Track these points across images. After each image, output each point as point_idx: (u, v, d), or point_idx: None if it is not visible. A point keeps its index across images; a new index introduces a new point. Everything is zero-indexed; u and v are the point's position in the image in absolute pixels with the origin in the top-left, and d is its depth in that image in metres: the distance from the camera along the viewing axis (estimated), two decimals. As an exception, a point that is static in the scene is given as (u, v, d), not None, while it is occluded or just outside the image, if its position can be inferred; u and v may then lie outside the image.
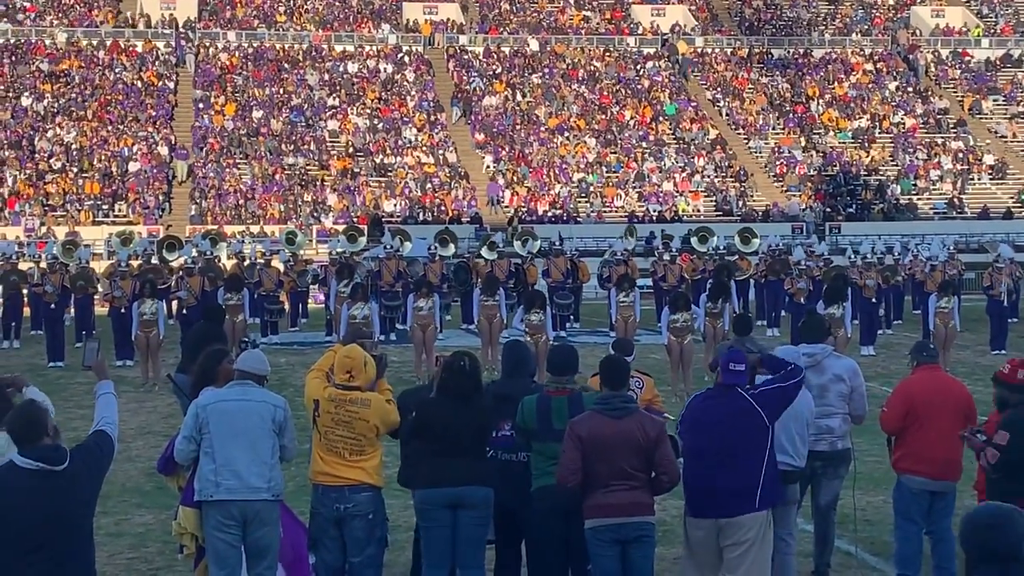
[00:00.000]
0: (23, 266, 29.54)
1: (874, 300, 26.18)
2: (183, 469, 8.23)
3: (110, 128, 49.99)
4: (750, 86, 57.67)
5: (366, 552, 8.06)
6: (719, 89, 57.23)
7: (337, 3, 60.56)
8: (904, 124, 55.65)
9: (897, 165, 52.99)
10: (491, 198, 48.24)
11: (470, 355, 8.38)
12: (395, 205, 47.45)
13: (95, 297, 27.05)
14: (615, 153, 52.05)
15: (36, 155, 47.92)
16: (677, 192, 49.91)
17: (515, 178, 49.65)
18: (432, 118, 53.12)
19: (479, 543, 8.16)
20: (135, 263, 28.77)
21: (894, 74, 59.30)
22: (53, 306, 25.31)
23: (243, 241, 38.33)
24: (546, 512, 7.87)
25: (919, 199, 50.96)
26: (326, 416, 8.05)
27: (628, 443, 7.44)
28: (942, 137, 54.83)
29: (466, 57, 57.68)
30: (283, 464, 8.12)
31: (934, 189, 51.76)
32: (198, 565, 8.18)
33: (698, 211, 48.68)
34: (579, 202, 48.98)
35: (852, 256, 30.88)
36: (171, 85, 53.81)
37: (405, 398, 8.61)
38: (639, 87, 56.53)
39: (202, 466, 7.88)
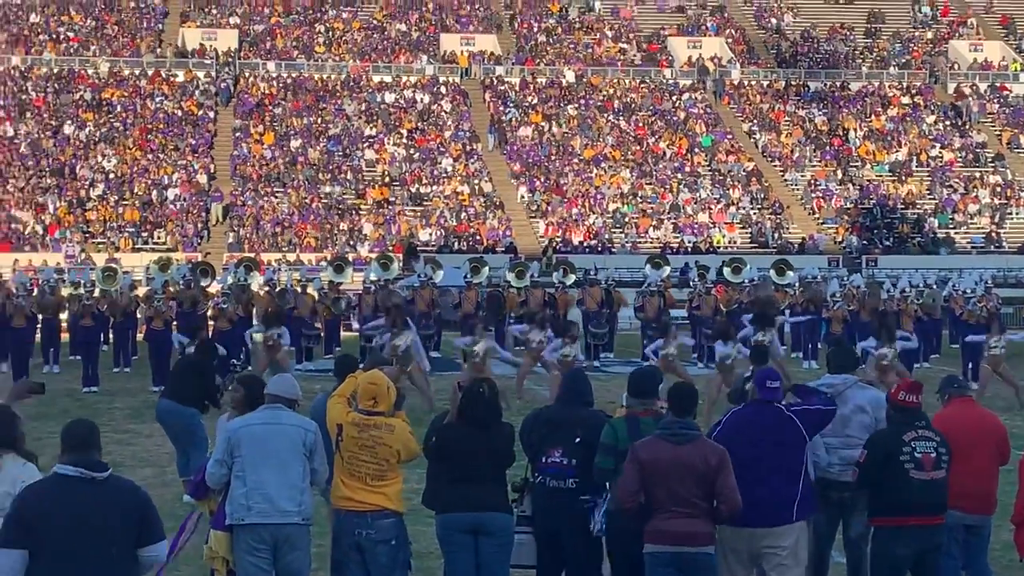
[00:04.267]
0: (63, 292, 29.76)
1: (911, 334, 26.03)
2: (214, 493, 8.27)
3: (150, 156, 50.45)
4: (786, 118, 57.62)
5: None
6: (755, 121, 57.21)
7: (376, 35, 60.98)
8: (942, 158, 55.44)
9: (934, 199, 52.76)
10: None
11: (489, 381, 8.45)
12: (430, 234, 47.61)
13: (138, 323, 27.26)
14: (650, 184, 52.07)
15: (77, 182, 48.39)
16: (712, 223, 49.86)
17: (550, 208, 49.73)
18: (468, 148, 53.32)
19: (501, 569, 8.23)
20: (171, 289, 28.95)
21: (932, 108, 59.11)
22: (90, 332, 25.53)
23: (279, 268, 38.54)
24: (628, 532, 7.92)
25: (956, 233, 50.71)
26: (349, 441, 8.06)
27: (688, 469, 7.50)
28: (980, 171, 54.57)
29: (502, 88, 57.91)
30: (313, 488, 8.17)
31: (971, 223, 51.50)
32: None
33: (734, 243, 48.61)
34: (614, 232, 49.00)
35: (890, 289, 30.77)
36: (211, 114, 54.27)
37: (436, 421, 8.69)
38: (675, 118, 56.58)
39: (233, 489, 7.92)
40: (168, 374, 14.25)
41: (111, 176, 48.90)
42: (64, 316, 27.77)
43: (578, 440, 8.21)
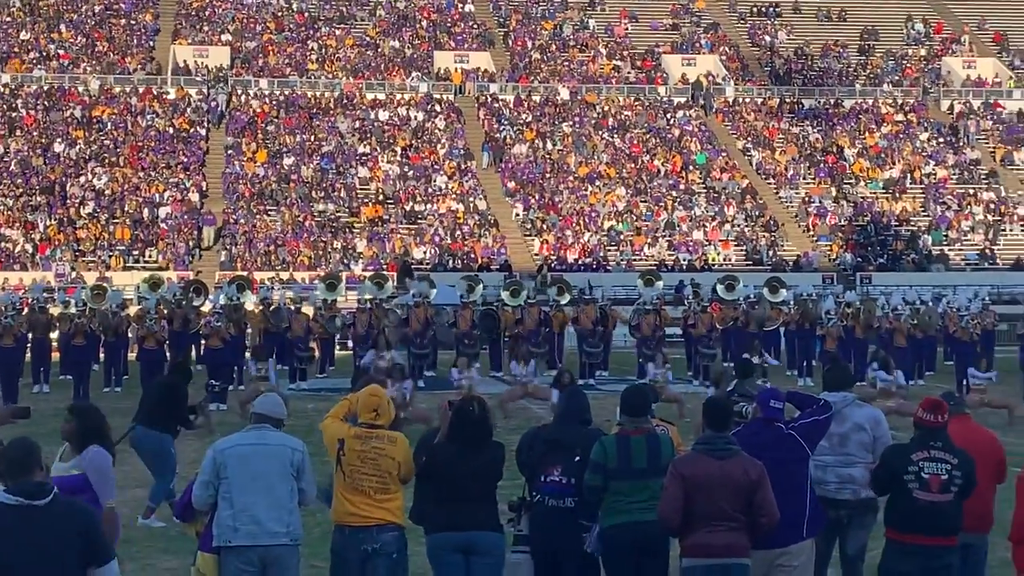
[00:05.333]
0: (53, 311, 29.65)
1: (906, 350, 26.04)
2: (201, 515, 8.18)
3: (141, 174, 50.33)
4: (780, 136, 57.67)
5: None
6: (750, 138, 57.26)
7: (369, 52, 60.99)
8: (935, 175, 55.48)
9: (928, 216, 52.79)
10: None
11: (480, 400, 8.41)
12: (425, 252, 47.53)
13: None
14: (645, 202, 52.05)
15: (67, 201, 48.25)
16: (707, 241, 49.84)
17: (544, 226, 49.69)
18: (462, 166, 53.28)
19: None
20: (164, 309, 28.85)
21: (925, 125, 59.20)
22: (81, 351, 25.42)
23: (272, 287, 38.41)
24: (620, 549, 7.94)
25: (951, 250, 50.72)
26: (352, 454, 8.03)
27: (731, 484, 7.55)
28: (974, 188, 54.63)
29: (496, 105, 57.91)
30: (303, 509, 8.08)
31: (965, 240, 51.51)
32: None
33: (728, 260, 48.59)
34: (609, 250, 48.95)
35: (884, 306, 30.76)
36: (203, 132, 54.20)
37: (425, 439, 8.62)
38: (669, 136, 56.61)
39: (220, 511, 7.83)
40: (140, 398, 13.90)
41: (102, 194, 48.77)
42: (54, 335, 27.63)
43: (578, 459, 8.14)
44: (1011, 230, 52.30)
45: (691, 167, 54.48)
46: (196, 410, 13.88)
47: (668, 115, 58.25)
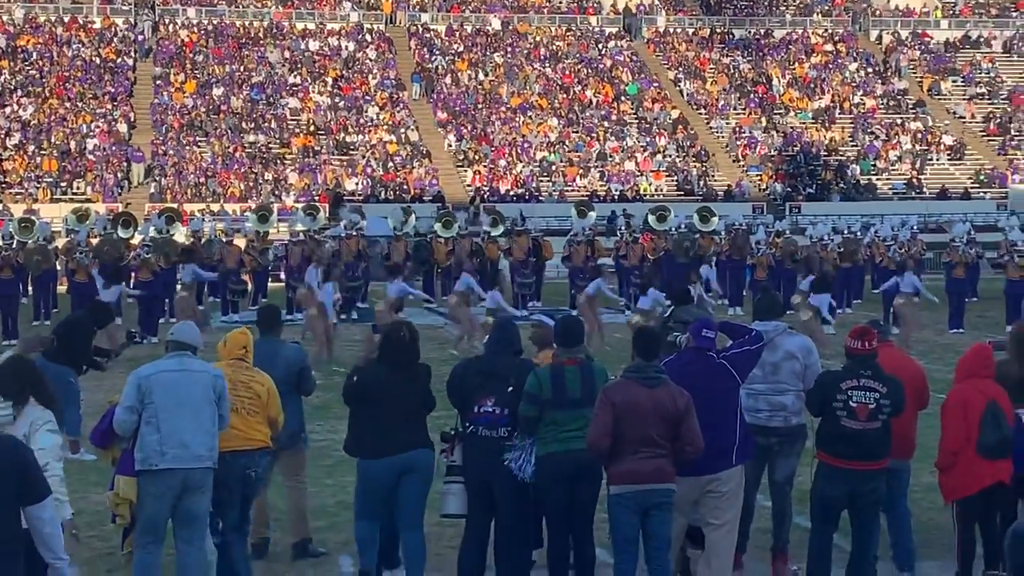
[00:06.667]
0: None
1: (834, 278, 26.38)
2: (121, 441, 8.24)
3: (68, 105, 49.53)
4: (711, 66, 57.76)
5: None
6: (681, 69, 57.29)
7: (298, -20, 60.16)
8: (864, 105, 55.91)
9: (857, 145, 53.25)
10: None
11: (409, 325, 8.64)
12: (356, 184, 47.29)
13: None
14: (577, 132, 52.05)
15: (-7, 132, 47.43)
16: (639, 172, 49.98)
17: (477, 157, 49.58)
18: (394, 96, 52.93)
19: (420, 503, 8.46)
20: (94, 241, 28.55)
21: (854, 55, 59.54)
22: (9, 284, 25.12)
23: (203, 219, 38.11)
24: (553, 479, 8.09)
25: (878, 179, 51.25)
26: (227, 381, 8.36)
27: (659, 411, 7.69)
28: (901, 118, 55.11)
29: (428, 35, 57.48)
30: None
31: (893, 170, 52.05)
32: (128, 536, 8.22)
33: (660, 191, 48.78)
34: (541, 181, 48.97)
35: (812, 236, 31.14)
36: (130, 62, 53.35)
37: (358, 364, 8.94)
38: (601, 66, 56.52)
39: (145, 436, 7.92)
40: (55, 337, 13.74)
41: (28, 125, 47.97)
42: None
43: (511, 389, 8.25)
44: (937, 160, 52.91)
45: (623, 98, 54.48)
46: (110, 354, 13.77)
47: (600, 45, 58.12)
